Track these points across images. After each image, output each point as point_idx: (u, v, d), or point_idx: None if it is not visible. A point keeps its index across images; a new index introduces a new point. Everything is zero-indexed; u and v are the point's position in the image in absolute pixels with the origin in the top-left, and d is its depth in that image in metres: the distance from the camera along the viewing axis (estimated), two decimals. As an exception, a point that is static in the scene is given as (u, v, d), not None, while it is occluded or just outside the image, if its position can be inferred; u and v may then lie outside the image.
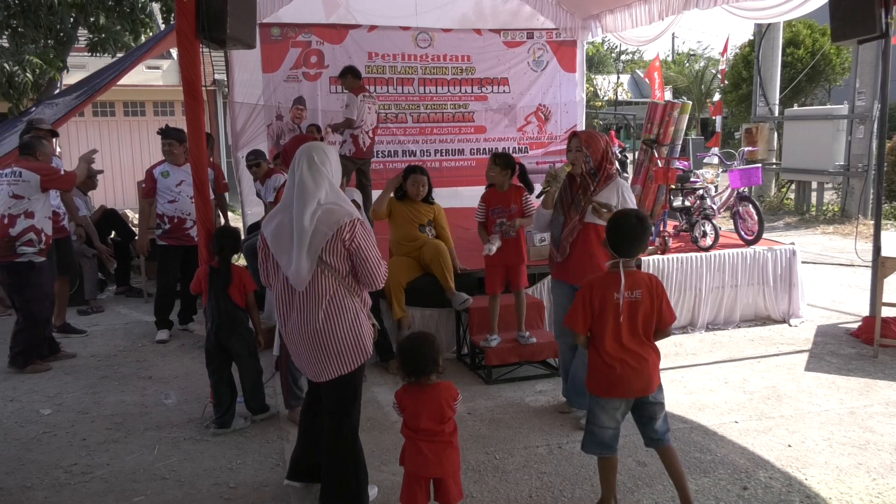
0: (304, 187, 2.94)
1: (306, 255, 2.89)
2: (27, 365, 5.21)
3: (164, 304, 6.06)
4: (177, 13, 4.04)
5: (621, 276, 2.99)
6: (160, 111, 14.98)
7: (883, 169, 6.10)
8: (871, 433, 4.02)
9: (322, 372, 3.03)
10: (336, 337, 2.97)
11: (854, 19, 4.71)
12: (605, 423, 3.11)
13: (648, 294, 3.03)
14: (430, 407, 2.96)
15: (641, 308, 3.02)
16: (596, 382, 3.10)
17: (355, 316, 3.02)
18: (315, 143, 3.14)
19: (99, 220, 7.59)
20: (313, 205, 2.91)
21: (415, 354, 2.97)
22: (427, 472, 2.96)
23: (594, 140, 4.05)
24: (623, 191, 4.05)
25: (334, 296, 2.97)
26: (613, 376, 3.02)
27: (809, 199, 12.91)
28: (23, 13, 8.74)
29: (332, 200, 2.97)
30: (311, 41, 8.57)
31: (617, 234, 3.05)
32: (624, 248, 3.03)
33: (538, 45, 9.49)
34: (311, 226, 2.89)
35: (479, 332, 5.10)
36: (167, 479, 3.62)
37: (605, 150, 4.06)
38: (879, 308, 5.34)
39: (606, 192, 4.02)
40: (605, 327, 3.02)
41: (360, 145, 7.38)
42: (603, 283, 3.05)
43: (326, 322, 2.96)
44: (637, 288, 3.02)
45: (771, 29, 13.27)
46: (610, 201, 3.97)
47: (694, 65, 32.93)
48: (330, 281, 2.95)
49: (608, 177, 4.06)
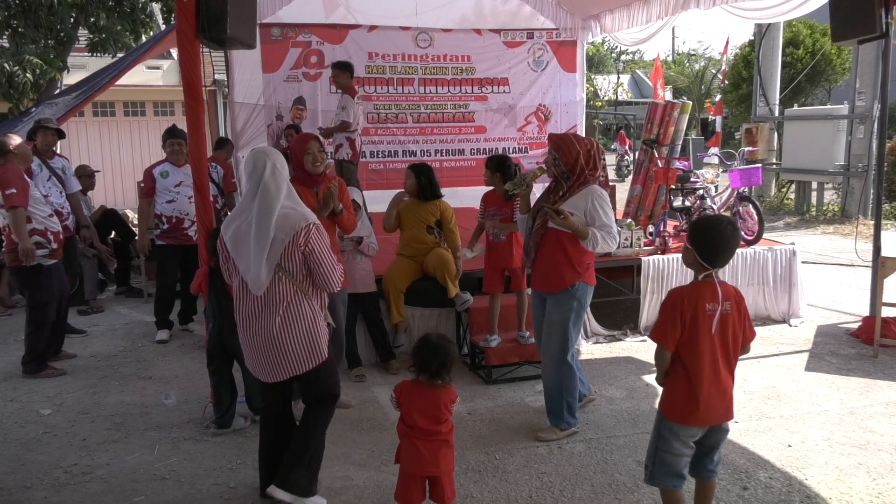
0: (267, 193, 2.92)
1: (265, 261, 2.89)
2: (41, 370, 5.17)
3: (163, 304, 6.06)
4: (177, 13, 4.05)
5: (717, 287, 2.72)
6: (160, 111, 14.98)
7: (883, 169, 6.10)
8: (871, 433, 4.02)
9: (273, 373, 3.05)
10: (292, 342, 3.00)
11: (854, 19, 4.71)
12: (681, 450, 2.79)
13: (737, 306, 2.78)
14: (428, 406, 2.96)
15: (731, 322, 2.76)
16: (677, 407, 2.77)
17: (312, 321, 3.05)
18: (271, 149, 3.13)
19: (99, 220, 7.59)
20: (276, 211, 2.91)
21: (433, 354, 2.97)
22: (423, 470, 2.96)
23: (565, 143, 3.85)
24: (594, 199, 3.79)
25: (291, 301, 2.98)
26: (700, 401, 2.72)
27: (809, 199, 12.91)
28: (23, 13, 8.73)
29: (288, 205, 2.97)
30: (311, 41, 8.57)
31: (708, 243, 2.74)
32: (716, 258, 2.74)
33: (538, 45, 9.48)
34: (273, 232, 2.89)
35: (479, 332, 5.11)
36: (167, 479, 3.62)
37: (582, 155, 3.80)
38: (879, 308, 5.34)
39: (576, 199, 3.81)
40: (697, 344, 2.72)
41: (357, 148, 7.35)
42: (693, 293, 2.74)
43: (283, 327, 2.98)
44: (727, 300, 2.75)
45: (771, 29, 13.26)
46: (577, 209, 3.78)
47: (694, 65, 32.95)
48: (287, 287, 2.97)
49: (582, 182, 3.83)
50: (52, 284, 5.16)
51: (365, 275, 5.05)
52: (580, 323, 4.04)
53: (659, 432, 2.83)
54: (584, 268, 3.90)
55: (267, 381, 3.12)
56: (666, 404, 2.82)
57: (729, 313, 2.74)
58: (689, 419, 2.75)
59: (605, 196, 3.86)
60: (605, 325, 5.94)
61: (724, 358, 2.75)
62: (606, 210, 3.82)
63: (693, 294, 2.74)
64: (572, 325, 3.92)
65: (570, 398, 4.00)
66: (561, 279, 3.88)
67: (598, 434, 4.07)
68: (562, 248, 3.85)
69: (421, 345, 3.04)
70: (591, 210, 3.79)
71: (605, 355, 5.46)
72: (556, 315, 3.93)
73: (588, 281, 3.94)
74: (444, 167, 9.22)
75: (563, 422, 4.01)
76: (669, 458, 2.79)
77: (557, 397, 4.01)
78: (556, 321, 3.93)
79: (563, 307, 3.91)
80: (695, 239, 2.78)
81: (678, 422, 2.76)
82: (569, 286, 3.87)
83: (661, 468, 2.82)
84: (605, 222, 3.79)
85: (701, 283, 2.76)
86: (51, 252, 5.08)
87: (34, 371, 5.15)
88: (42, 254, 5.05)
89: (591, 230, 3.77)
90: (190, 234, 5.93)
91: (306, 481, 3.16)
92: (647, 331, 5.93)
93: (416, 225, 5.22)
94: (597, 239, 3.76)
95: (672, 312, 2.73)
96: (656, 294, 5.90)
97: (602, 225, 3.78)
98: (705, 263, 2.73)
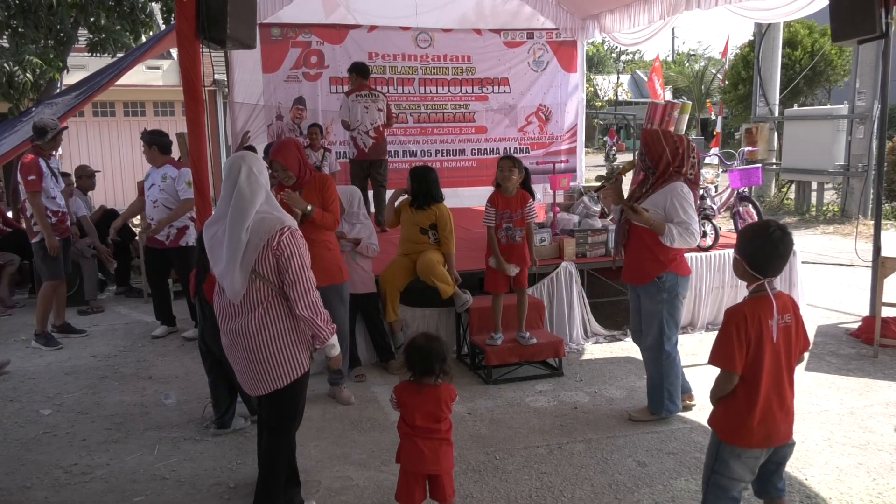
0: (241, 198, 2.83)
1: (239, 267, 2.81)
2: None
3: (157, 304, 6.15)
4: (177, 13, 4.04)
5: (772, 300, 2.55)
6: (160, 111, 14.98)
7: (883, 169, 6.10)
8: (871, 433, 4.02)
9: (256, 385, 2.93)
10: (269, 349, 2.87)
11: (854, 19, 4.71)
12: (742, 475, 2.61)
13: (794, 318, 2.61)
14: (428, 406, 2.96)
15: (791, 334, 2.59)
16: (741, 431, 2.56)
17: (292, 328, 2.92)
18: (248, 154, 3.03)
19: (99, 220, 7.59)
20: (251, 217, 2.82)
21: (424, 354, 2.96)
22: (424, 468, 2.96)
23: (652, 139, 3.97)
24: (673, 195, 3.87)
25: (269, 307, 2.87)
26: (766, 422, 2.55)
27: (809, 199, 12.91)
28: (23, 13, 8.72)
29: (265, 210, 2.87)
30: (311, 41, 8.58)
31: (757, 251, 2.58)
32: (768, 266, 2.57)
33: (538, 45, 9.50)
34: (246, 237, 2.81)
35: (479, 332, 5.10)
36: (167, 479, 3.62)
37: (668, 152, 3.89)
38: (879, 308, 5.34)
39: (658, 195, 3.93)
40: (762, 363, 2.54)
41: (361, 146, 7.29)
42: (754, 309, 2.55)
43: (259, 333, 2.87)
44: (787, 311, 2.58)
45: (771, 29, 13.26)
46: (657, 205, 3.89)
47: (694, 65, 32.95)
48: (264, 291, 2.86)
49: (666, 179, 3.93)
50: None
51: (365, 276, 5.04)
52: (677, 312, 4.09)
53: (717, 455, 2.64)
54: (669, 259, 3.97)
55: (252, 394, 3.02)
56: (725, 426, 2.62)
57: (789, 325, 2.59)
58: (752, 441, 2.56)
59: (687, 193, 3.91)
60: (605, 325, 5.94)
61: (787, 373, 2.59)
62: (686, 207, 3.88)
63: (754, 310, 2.55)
64: (667, 314, 4.03)
65: (671, 385, 4.11)
66: (646, 271, 4.01)
67: (598, 434, 4.06)
68: (644, 242, 3.97)
69: (408, 346, 3.05)
70: (669, 207, 3.88)
71: (605, 355, 5.46)
72: (649, 306, 4.07)
73: (677, 271, 4.01)
74: (445, 167, 9.24)
75: (663, 409, 4.14)
76: (726, 481, 2.62)
77: (658, 385, 4.13)
78: (651, 312, 4.07)
79: (653, 298, 4.04)
80: (743, 248, 2.62)
81: (740, 445, 2.58)
82: (655, 278, 3.98)
83: (715, 492, 2.65)
84: (684, 219, 3.86)
85: (760, 298, 2.57)
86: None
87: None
88: None
89: (669, 226, 3.86)
90: (159, 237, 5.88)
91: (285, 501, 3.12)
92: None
93: (410, 225, 5.23)
94: (673, 235, 3.85)
95: (737, 333, 2.52)
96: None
97: (680, 221, 3.86)
98: (756, 273, 2.58)
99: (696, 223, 3.92)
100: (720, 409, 2.65)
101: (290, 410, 3.04)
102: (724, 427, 2.62)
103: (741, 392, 2.56)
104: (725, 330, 2.56)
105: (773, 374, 2.55)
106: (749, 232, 2.68)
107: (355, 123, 7.20)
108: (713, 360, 2.59)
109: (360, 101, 7.23)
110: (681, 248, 4.00)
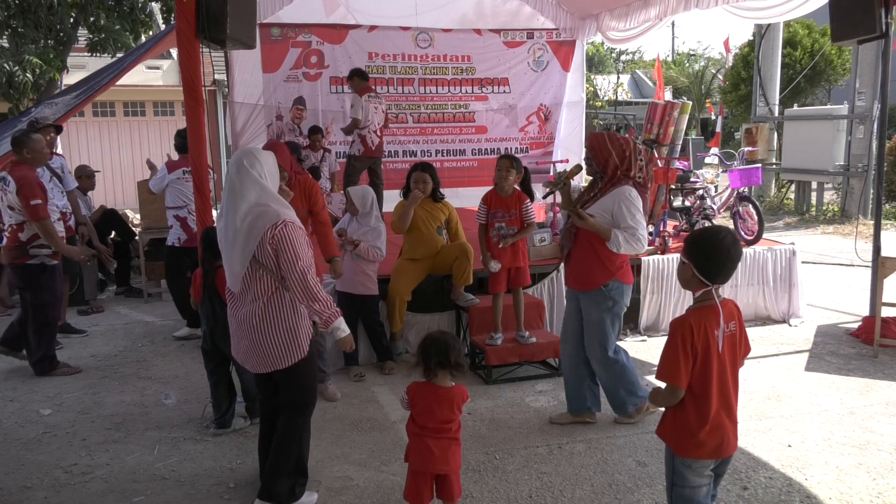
0: (232, 191, 3.02)
1: (239, 256, 2.99)
2: (54, 369, 5.15)
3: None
4: (177, 13, 4.05)
5: (719, 309, 2.46)
6: (160, 111, 14.98)
7: (883, 169, 6.10)
8: (871, 433, 4.02)
9: (256, 364, 3.12)
10: (270, 336, 3.05)
11: (854, 19, 4.71)
12: (699, 481, 2.56)
13: (738, 324, 2.55)
14: (441, 407, 2.96)
15: (734, 342, 2.53)
16: (691, 444, 2.51)
17: (293, 317, 3.07)
18: (247, 149, 3.22)
19: (99, 220, 7.59)
20: (243, 207, 2.98)
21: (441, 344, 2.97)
22: (433, 467, 2.97)
23: (598, 142, 3.86)
24: (620, 200, 3.77)
25: (272, 296, 3.03)
26: (716, 435, 2.50)
27: (809, 199, 12.92)
28: (23, 13, 8.73)
29: (264, 202, 3.01)
30: (311, 41, 8.58)
31: (708, 257, 2.47)
32: (719, 273, 2.47)
33: (538, 45, 9.50)
34: (243, 226, 2.97)
35: (479, 332, 5.10)
36: (167, 479, 3.62)
37: (615, 155, 3.80)
38: (879, 308, 5.34)
39: (606, 199, 3.83)
40: (709, 375, 2.46)
41: (369, 144, 7.48)
42: (700, 319, 2.45)
43: (263, 321, 3.04)
44: (732, 318, 2.51)
45: (771, 29, 13.26)
46: (605, 209, 3.79)
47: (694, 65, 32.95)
48: (268, 281, 3.02)
49: (614, 183, 3.84)
50: (54, 285, 5.15)
51: (365, 278, 4.98)
52: (618, 321, 4.01)
53: (673, 468, 2.59)
54: (616, 266, 3.88)
55: (252, 371, 3.20)
56: (676, 440, 2.56)
57: (733, 333, 2.52)
58: (703, 453, 2.51)
59: (635, 198, 3.80)
60: (605, 325, 5.94)
61: (733, 381, 2.53)
62: (633, 212, 3.77)
63: (699, 320, 2.45)
64: (609, 322, 3.94)
65: (627, 384, 4.05)
66: (593, 278, 3.90)
67: (598, 434, 4.06)
68: (592, 248, 3.85)
69: (422, 342, 3.05)
70: (616, 211, 3.77)
71: (605, 355, 5.46)
72: (593, 315, 3.96)
73: (623, 279, 3.92)
74: (446, 167, 9.24)
75: (627, 407, 4.09)
76: (689, 491, 2.56)
77: (614, 391, 4.08)
78: (594, 320, 3.97)
79: (598, 306, 3.93)
80: (692, 252, 2.50)
81: (693, 457, 2.52)
82: (601, 285, 3.88)
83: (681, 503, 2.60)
84: (630, 224, 3.75)
85: (706, 307, 2.48)
86: (53, 252, 5.07)
87: (46, 370, 5.12)
88: (45, 253, 5.04)
89: (615, 232, 3.75)
90: None
91: (288, 489, 3.18)
92: (647, 330, 5.93)
93: (427, 225, 5.15)
94: (619, 241, 3.74)
95: (683, 346, 2.43)
96: (656, 294, 5.90)
97: (626, 227, 3.75)
98: (704, 279, 2.47)
99: (644, 228, 3.81)
100: (670, 421, 2.57)
101: (300, 388, 3.19)
102: (676, 440, 2.56)
103: (690, 405, 2.49)
104: (671, 343, 2.46)
105: (721, 385, 2.48)
106: (699, 237, 2.55)
107: (366, 122, 7.33)
108: (660, 375, 2.50)
109: (371, 101, 7.45)
110: (627, 256, 3.91)
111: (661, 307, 5.93)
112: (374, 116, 7.45)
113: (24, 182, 4.88)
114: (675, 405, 2.52)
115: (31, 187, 4.88)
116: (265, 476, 3.22)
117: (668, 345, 2.49)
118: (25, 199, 4.86)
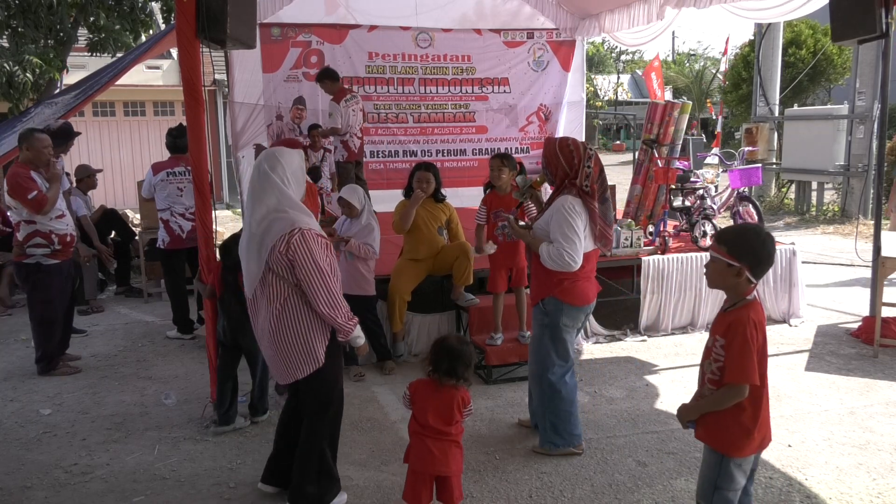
0: (253, 194, 3.01)
1: (255, 260, 2.97)
2: (53, 369, 5.17)
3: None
4: (177, 13, 4.04)
5: (761, 304, 2.52)
6: (160, 111, 14.99)
7: (883, 169, 6.10)
8: (871, 433, 4.02)
9: (283, 375, 3.08)
10: (285, 342, 3.00)
11: (854, 19, 4.71)
12: (741, 482, 2.54)
13: None
14: (441, 407, 2.96)
15: None
16: (747, 442, 2.48)
17: (308, 324, 3.00)
18: (269, 150, 3.17)
19: (99, 219, 7.58)
20: (261, 212, 2.97)
21: (455, 355, 2.96)
22: (433, 469, 2.96)
23: (548, 149, 3.64)
24: (555, 213, 3.50)
25: (286, 302, 2.98)
26: (763, 428, 2.50)
27: (809, 199, 12.91)
28: (23, 13, 8.72)
29: (282, 208, 2.96)
30: (311, 41, 8.57)
31: (763, 260, 2.45)
32: (765, 272, 2.49)
33: (538, 45, 9.48)
34: (258, 231, 2.95)
35: (479, 332, 5.11)
36: (167, 479, 3.62)
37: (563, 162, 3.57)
38: (879, 308, 5.34)
39: (550, 210, 3.61)
40: (764, 369, 2.47)
41: (352, 148, 7.49)
42: (757, 315, 2.47)
43: (279, 330, 2.99)
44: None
45: (771, 29, 13.26)
46: (545, 220, 3.59)
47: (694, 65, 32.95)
48: (282, 287, 2.97)
49: (560, 191, 3.60)
50: (50, 284, 5.13)
51: (360, 277, 4.96)
52: (560, 344, 3.65)
53: (720, 471, 2.51)
54: (553, 283, 3.56)
55: (280, 381, 3.19)
56: (731, 440, 2.48)
57: None
58: (752, 449, 2.50)
59: (570, 209, 3.49)
60: (605, 325, 5.94)
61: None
62: (562, 225, 3.47)
63: (757, 316, 2.45)
64: (548, 342, 3.65)
65: (554, 418, 3.71)
66: (534, 291, 3.71)
67: (598, 434, 4.06)
68: (536, 260, 3.63)
69: (438, 343, 3.05)
70: (551, 223, 3.52)
71: (605, 355, 5.46)
72: (535, 329, 3.78)
73: (562, 297, 3.56)
74: (446, 167, 9.23)
75: (546, 443, 3.77)
76: (732, 494, 2.52)
77: (540, 416, 3.79)
78: (535, 336, 3.79)
79: (537, 321, 3.72)
80: (746, 255, 2.43)
81: (745, 455, 2.49)
82: (538, 300, 3.66)
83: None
84: (556, 237, 3.48)
85: (755, 303, 2.48)
86: (52, 252, 5.07)
87: (46, 370, 5.14)
88: (42, 252, 5.04)
89: (542, 245, 3.55)
90: None
91: (316, 490, 3.16)
92: (647, 330, 5.93)
93: (428, 225, 5.14)
94: (544, 255, 3.51)
95: (755, 343, 2.42)
96: (656, 294, 5.90)
97: (553, 240, 3.50)
98: (753, 278, 2.45)
99: (574, 245, 3.46)
100: (723, 423, 2.49)
101: (317, 396, 3.13)
102: (731, 440, 2.49)
103: (748, 402, 2.45)
104: (742, 343, 2.40)
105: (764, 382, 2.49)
106: (754, 240, 2.46)
107: (347, 127, 7.32)
108: (735, 377, 2.40)
109: (349, 104, 7.38)
110: (577, 274, 3.55)
111: (661, 307, 5.93)
112: (353, 120, 7.38)
113: (13, 181, 4.86)
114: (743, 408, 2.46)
115: (21, 185, 4.82)
116: (294, 479, 3.16)
117: (736, 345, 2.41)
118: (22, 196, 4.84)
